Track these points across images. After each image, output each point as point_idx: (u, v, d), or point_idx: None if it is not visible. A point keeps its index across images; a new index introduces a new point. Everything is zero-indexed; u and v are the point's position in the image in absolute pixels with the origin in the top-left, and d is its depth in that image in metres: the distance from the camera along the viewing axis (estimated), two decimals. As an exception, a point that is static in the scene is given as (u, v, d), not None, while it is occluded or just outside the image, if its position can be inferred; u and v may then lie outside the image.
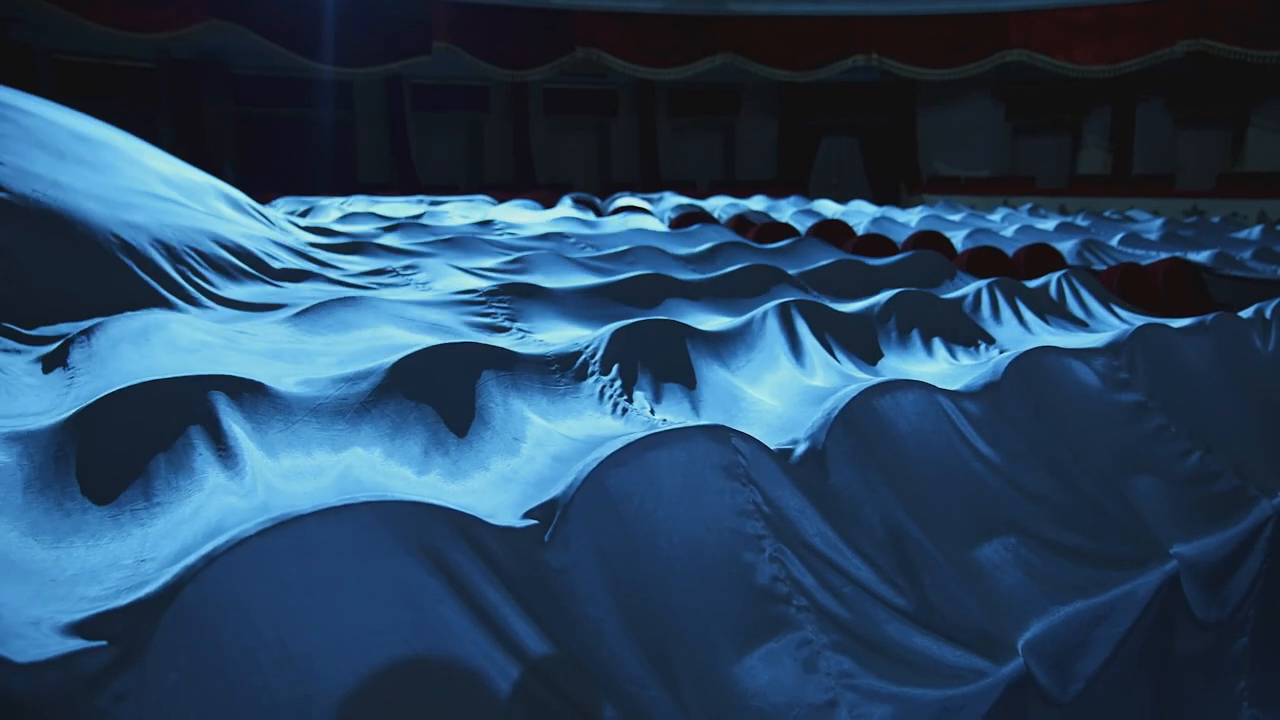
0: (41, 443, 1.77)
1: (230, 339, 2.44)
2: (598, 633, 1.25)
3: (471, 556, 1.22)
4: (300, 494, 1.52)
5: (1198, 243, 7.22)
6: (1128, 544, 1.86)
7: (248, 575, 1.10)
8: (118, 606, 1.10)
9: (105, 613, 1.11)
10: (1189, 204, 12.99)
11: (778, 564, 1.45)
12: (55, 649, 1.04)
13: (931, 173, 15.77)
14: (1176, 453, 2.35)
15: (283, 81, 12.93)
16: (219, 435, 1.75)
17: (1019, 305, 3.71)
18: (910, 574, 1.58)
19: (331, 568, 1.13)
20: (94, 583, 1.32)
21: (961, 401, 2.08)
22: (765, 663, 1.34)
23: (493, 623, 1.16)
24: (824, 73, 14.39)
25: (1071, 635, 1.62)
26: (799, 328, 2.75)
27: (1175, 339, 2.82)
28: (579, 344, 2.44)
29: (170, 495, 1.60)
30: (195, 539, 1.32)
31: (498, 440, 1.89)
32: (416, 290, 3.59)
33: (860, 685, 1.38)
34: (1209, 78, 14.07)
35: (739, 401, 2.19)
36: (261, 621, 1.08)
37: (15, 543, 1.44)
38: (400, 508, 1.21)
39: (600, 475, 1.41)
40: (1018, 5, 13.54)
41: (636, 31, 13.58)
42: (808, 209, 9.74)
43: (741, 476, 1.52)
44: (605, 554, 1.35)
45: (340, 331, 2.73)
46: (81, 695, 1.01)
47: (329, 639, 1.09)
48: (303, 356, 2.45)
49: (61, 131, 3.50)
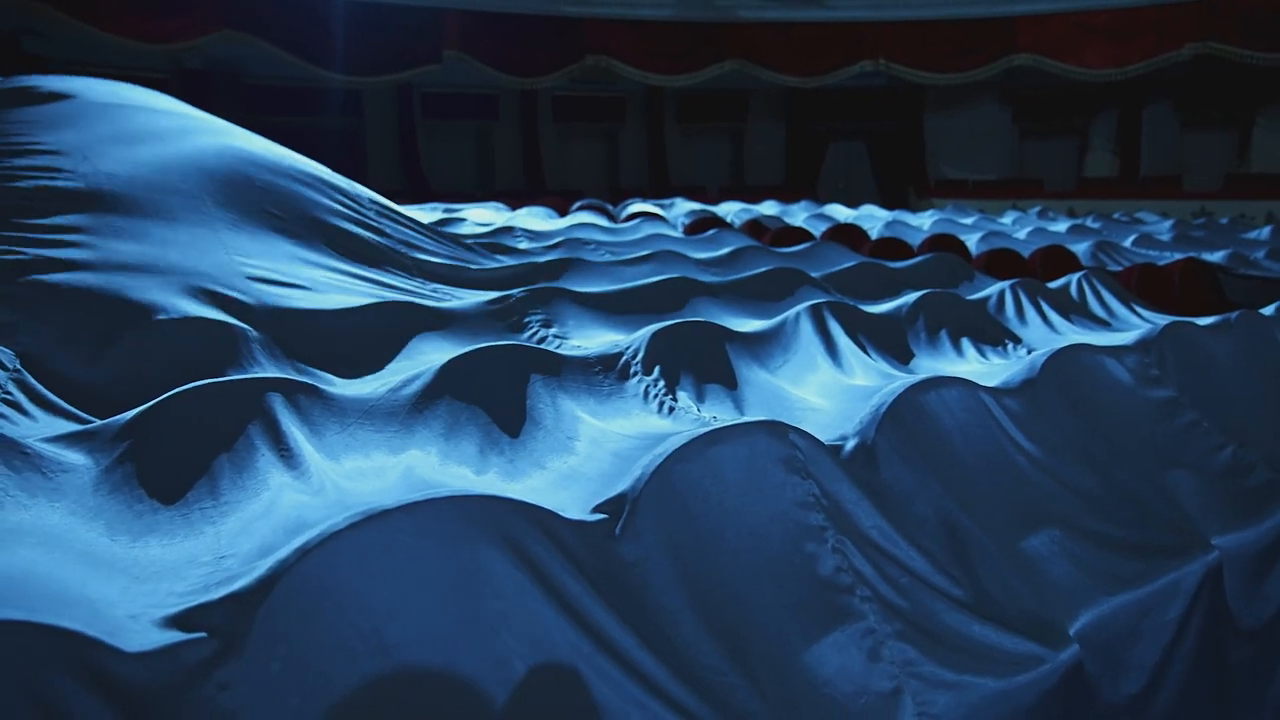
0: (104, 444, 1.81)
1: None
2: (674, 622, 1.29)
3: (550, 549, 1.25)
4: (368, 493, 1.56)
5: (1210, 243, 7.24)
6: (1170, 534, 1.89)
7: (339, 568, 1.13)
8: (212, 600, 1.14)
9: (200, 606, 1.14)
10: (1197, 205, 12.98)
11: (839, 555, 1.48)
12: (159, 640, 1.08)
13: (940, 176, 15.80)
14: (1210, 447, 2.38)
15: (293, 91, 13.02)
16: (279, 436, 1.79)
17: (1042, 305, 3.74)
18: (964, 564, 1.61)
19: (419, 560, 1.17)
20: (176, 579, 1.35)
21: (1002, 398, 2.11)
22: (833, 651, 1.37)
23: (576, 612, 1.20)
24: (832, 79, 14.45)
25: (1121, 625, 1.65)
26: (832, 328, 2.78)
27: (1202, 337, 2.84)
28: (620, 346, 2.48)
29: (237, 494, 1.64)
30: (276, 535, 1.36)
31: (551, 439, 1.92)
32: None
33: (923, 673, 1.41)
34: (1215, 80, 14.10)
35: (783, 400, 2.22)
36: (354, 612, 1.11)
37: (95, 543, 1.48)
38: (480, 502, 1.25)
39: (667, 469, 1.44)
40: (1025, 10, 13.58)
41: (647, 39, 13.65)
42: (820, 213, 9.77)
43: (800, 470, 1.56)
44: (675, 546, 1.38)
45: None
46: (187, 684, 1.04)
47: (420, 628, 1.12)
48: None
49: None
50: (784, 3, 13.95)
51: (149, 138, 3.38)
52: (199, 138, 3.55)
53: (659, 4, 13.69)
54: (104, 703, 0.96)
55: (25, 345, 2.31)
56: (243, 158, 3.48)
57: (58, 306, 2.44)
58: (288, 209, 3.34)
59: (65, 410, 2.28)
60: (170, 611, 1.16)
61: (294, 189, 3.48)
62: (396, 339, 2.78)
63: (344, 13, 11.22)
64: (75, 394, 2.23)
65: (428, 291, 3.39)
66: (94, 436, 1.85)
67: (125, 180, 3.00)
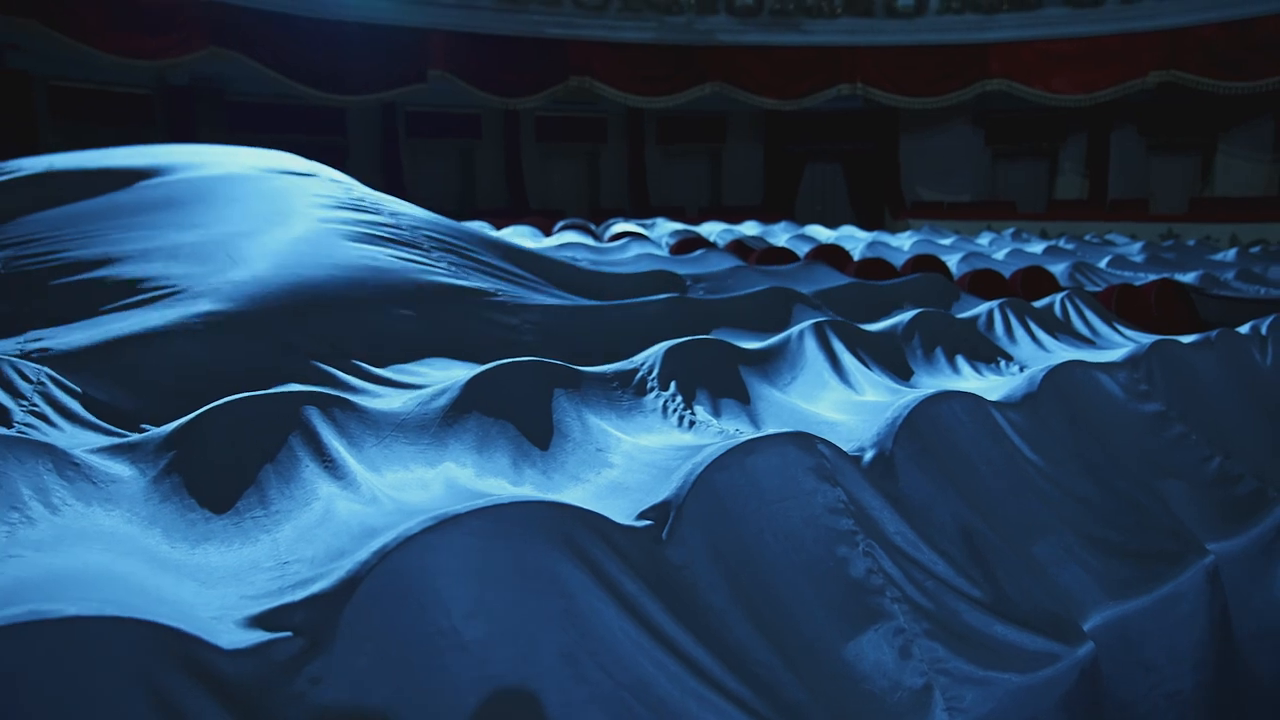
0: (148, 455, 1.86)
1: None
2: (722, 620, 1.36)
3: (607, 551, 1.32)
4: (420, 503, 1.62)
5: (1180, 264, 7.49)
6: (1169, 540, 2.00)
7: (418, 569, 1.20)
8: (293, 601, 1.20)
9: (282, 607, 1.20)
10: (1164, 228, 13.38)
11: (869, 558, 1.57)
12: (249, 639, 1.13)
13: (915, 198, 16.12)
14: (1199, 458, 2.50)
15: (277, 108, 13.04)
16: (320, 448, 1.85)
17: (1030, 324, 3.88)
18: (983, 568, 1.70)
19: (489, 561, 1.24)
20: (243, 583, 1.41)
21: (1006, 411, 2.21)
22: (868, 649, 1.45)
23: (634, 610, 1.27)
24: (810, 101, 14.73)
25: (1130, 625, 1.75)
26: (835, 346, 2.88)
27: (1187, 354, 2.98)
28: (635, 362, 2.56)
29: (287, 504, 1.69)
30: (341, 541, 1.42)
31: (581, 452, 2.00)
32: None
33: (950, 670, 1.49)
34: (1179, 107, 14.56)
35: (797, 415, 2.31)
36: (434, 610, 1.18)
37: (157, 549, 1.53)
38: (542, 507, 1.32)
39: (708, 478, 1.52)
40: (996, 37, 13.96)
41: (629, 61, 13.85)
42: (801, 234, 9.94)
43: (829, 478, 1.64)
44: (718, 550, 1.46)
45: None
46: (281, 679, 1.10)
47: (494, 625, 1.19)
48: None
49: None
50: (764, 27, 14.22)
51: (264, 219, 3.14)
52: (299, 204, 3.34)
53: (641, 27, 13.90)
54: (210, 696, 1.02)
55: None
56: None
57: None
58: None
59: (90, 422, 2.33)
60: (250, 613, 1.22)
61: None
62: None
63: (331, 32, 11.28)
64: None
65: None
66: (136, 449, 1.89)
67: (276, 287, 2.74)
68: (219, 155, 3.93)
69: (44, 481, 1.63)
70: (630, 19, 13.66)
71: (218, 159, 3.81)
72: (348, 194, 3.68)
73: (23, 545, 1.40)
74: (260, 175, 3.66)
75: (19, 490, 1.57)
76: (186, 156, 3.73)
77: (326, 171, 4.13)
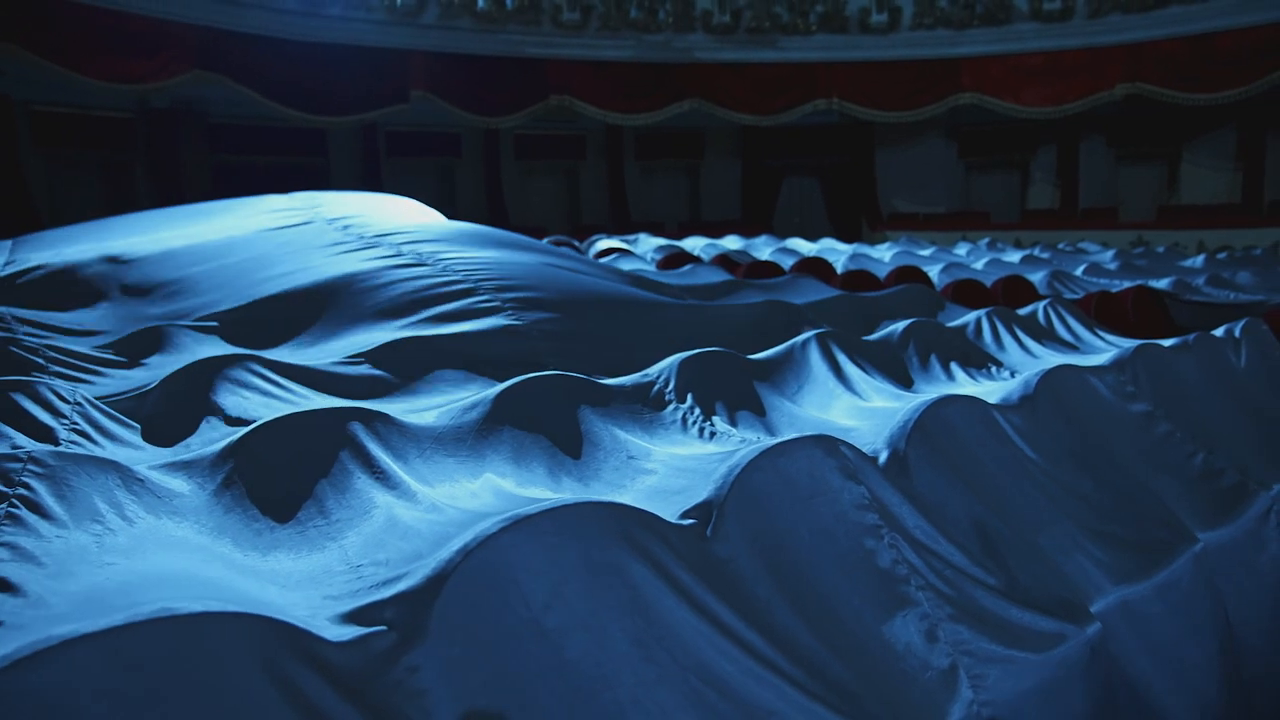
0: (204, 471, 1.95)
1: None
2: (768, 608, 1.48)
3: (663, 546, 1.44)
4: (476, 510, 1.72)
5: (1152, 271, 7.75)
6: (1163, 530, 2.14)
7: (499, 565, 1.31)
8: (383, 598, 1.30)
9: (372, 604, 1.30)
10: (1134, 235, 13.76)
11: (894, 550, 1.70)
12: (347, 633, 1.23)
13: (891, 210, 16.43)
14: (1184, 454, 2.66)
15: (258, 129, 13.08)
16: (369, 460, 1.95)
17: (1016, 331, 4.05)
18: (996, 558, 1.83)
19: (562, 557, 1.35)
20: (319, 586, 1.50)
21: (1006, 413, 2.36)
22: (899, 633, 1.58)
23: (691, 600, 1.38)
24: (787, 117, 15.01)
25: (1132, 609, 1.89)
26: (838, 356, 3.02)
27: (1168, 356, 3.15)
28: (649, 375, 2.68)
29: (346, 513, 1.79)
30: (415, 544, 1.52)
31: (614, 460, 2.11)
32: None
33: (973, 650, 1.62)
34: (1145, 118, 15.00)
35: (810, 422, 2.44)
36: (516, 602, 1.29)
37: (230, 556, 1.62)
38: (603, 507, 1.44)
39: (745, 478, 1.64)
40: (967, 52, 14.32)
41: (608, 79, 14.05)
42: (783, 248, 10.14)
43: (854, 476, 1.77)
44: (759, 544, 1.58)
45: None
46: (382, 668, 1.20)
47: (570, 615, 1.30)
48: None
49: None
50: (740, 45, 14.49)
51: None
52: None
53: (620, 46, 14.11)
54: (327, 684, 1.12)
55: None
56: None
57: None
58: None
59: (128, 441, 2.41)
60: (340, 610, 1.32)
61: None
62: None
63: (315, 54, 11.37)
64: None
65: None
66: (190, 465, 1.98)
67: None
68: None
69: (115, 495, 1.72)
70: (609, 38, 13.87)
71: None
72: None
73: (113, 553, 1.49)
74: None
75: (95, 503, 1.66)
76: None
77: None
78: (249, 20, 10.83)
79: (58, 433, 2.29)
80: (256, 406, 2.57)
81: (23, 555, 1.42)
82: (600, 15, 13.77)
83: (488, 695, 1.20)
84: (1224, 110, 13.79)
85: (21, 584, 1.31)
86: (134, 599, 1.24)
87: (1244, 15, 12.77)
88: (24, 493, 1.61)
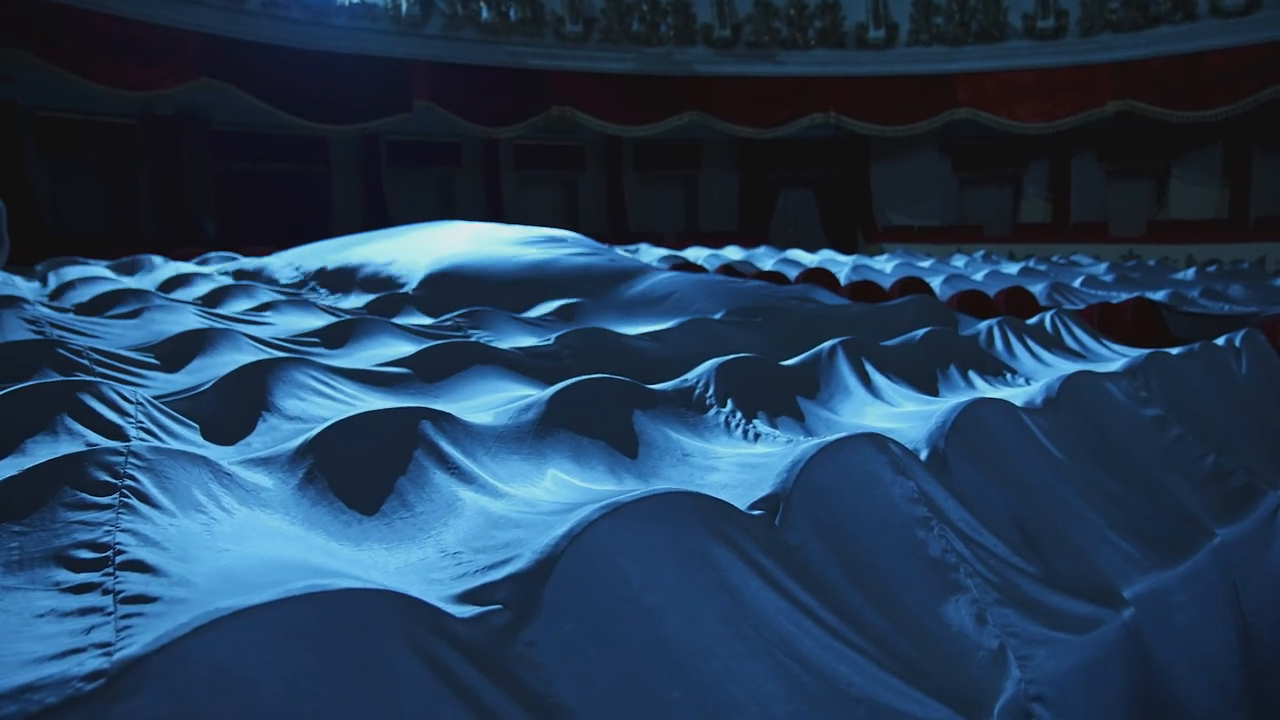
0: (284, 467, 2.05)
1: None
2: (837, 591, 1.60)
3: (741, 533, 1.56)
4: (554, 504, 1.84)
5: (1147, 283, 7.94)
6: (1183, 526, 2.28)
7: (603, 549, 1.42)
8: (495, 580, 1.41)
9: (484, 585, 1.41)
10: (1124, 249, 14.02)
11: (943, 540, 1.82)
12: (468, 611, 1.35)
13: (886, 222, 16.66)
14: (1196, 456, 2.80)
15: (260, 137, 13.17)
16: (442, 456, 2.06)
17: (1027, 340, 4.19)
18: (1034, 549, 1.96)
19: (655, 541, 1.46)
20: (419, 573, 1.61)
21: (1032, 415, 2.49)
22: (953, 615, 1.70)
23: (772, 581, 1.50)
24: (784, 129, 15.22)
25: (1160, 597, 2.02)
26: (864, 363, 3.15)
27: (1177, 364, 3.30)
28: (688, 380, 2.80)
29: (429, 505, 1.89)
30: (513, 533, 1.62)
31: (669, 459, 2.23)
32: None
33: (1020, 632, 1.74)
34: (1135, 135, 15.29)
35: (846, 426, 2.57)
36: (618, 583, 1.40)
37: (326, 546, 1.73)
38: (687, 496, 1.55)
39: (809, 471, 1.77)
40: (962, 68, 14.58)
41: (609, 91, 14.23)
42: (784, 258, 10.30)
43: (903, 471, 1.90)
44: (824, 533, 1.70)
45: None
46: (503, 642, 1.31)
47: (666, 595, 1.42)
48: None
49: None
50: (739, 58, 14.70)
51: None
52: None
53: (622, 58, 14.30)
54: (462, 657, 1.23)
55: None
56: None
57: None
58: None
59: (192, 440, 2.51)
60: (453, 591, 1.43)
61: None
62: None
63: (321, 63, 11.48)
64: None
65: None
66: (270, 461, 2.08)
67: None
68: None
69: (210, 488, 1.82)
70: (611, 50, 14.06)
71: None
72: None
73: (225, 540, 1.59)
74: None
75: (195, 495, 1.76)
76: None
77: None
78: (256, 29, 10.95)
79: (127, 430, 2.39)
80: (314, 406, 2.67)
81: (147, 541, 1.52)
82: (603, 28, 13.96)
83: (602, 668, 1.32)
84: (1212, 128, 14.09)
85: (159, 566, 1.41)
86: (268, 579, 1.34)
87: (1232, 36, 13.08)
88: (131, 484, 1.71)
